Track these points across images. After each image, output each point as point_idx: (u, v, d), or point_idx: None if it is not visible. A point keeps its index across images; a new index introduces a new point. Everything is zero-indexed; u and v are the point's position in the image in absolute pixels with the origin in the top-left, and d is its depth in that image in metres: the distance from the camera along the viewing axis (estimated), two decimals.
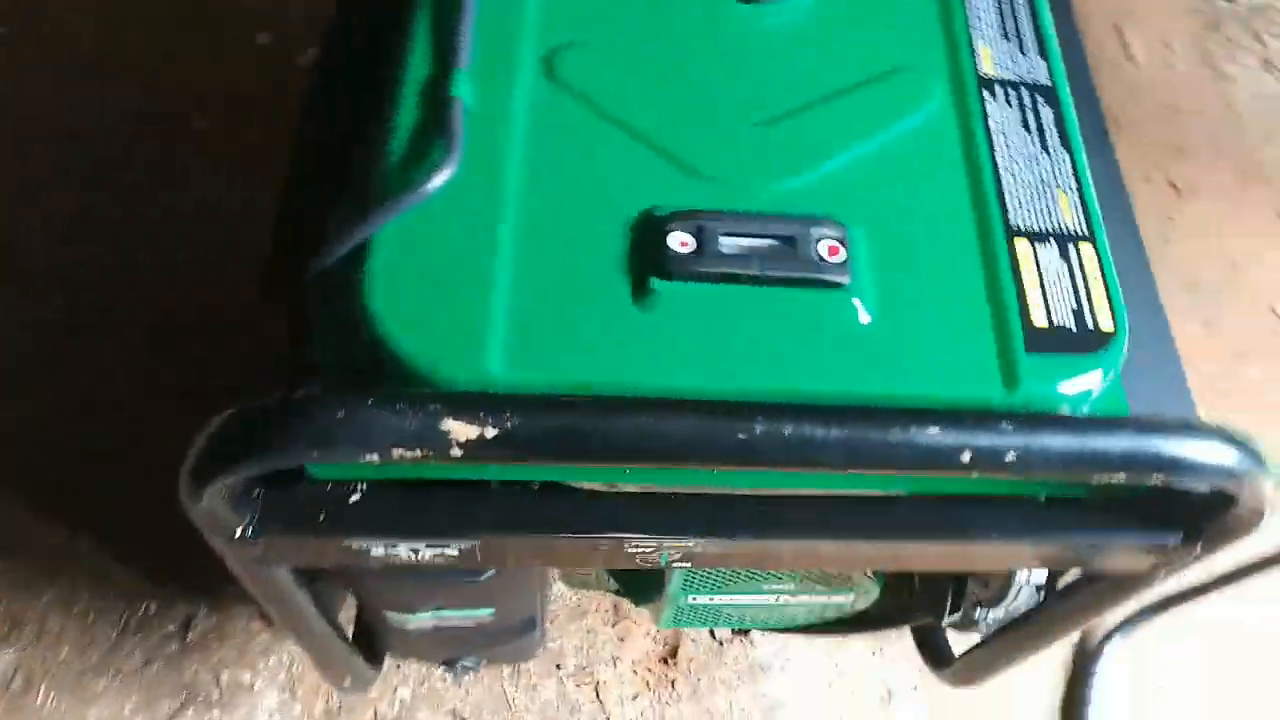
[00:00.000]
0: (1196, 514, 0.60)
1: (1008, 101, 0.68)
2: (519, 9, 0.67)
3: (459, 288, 0.56)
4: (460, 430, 0.47)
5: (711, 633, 1.21)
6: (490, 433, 0.47)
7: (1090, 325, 0.59)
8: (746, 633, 1.13)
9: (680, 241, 0.57)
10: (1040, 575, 0.75)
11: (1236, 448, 0.52)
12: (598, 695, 1.18)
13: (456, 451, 0.47)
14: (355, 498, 0.57)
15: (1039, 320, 0.58)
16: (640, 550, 0.60)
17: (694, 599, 0.88)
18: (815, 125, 0.64)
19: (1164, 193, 1.63)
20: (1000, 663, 0.95)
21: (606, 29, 0.67)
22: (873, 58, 0.68)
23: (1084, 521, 0.61)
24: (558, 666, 1.19)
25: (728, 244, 0.57)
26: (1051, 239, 0.62)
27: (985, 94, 0.68)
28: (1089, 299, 0.60)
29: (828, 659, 1.19)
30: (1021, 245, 0.61)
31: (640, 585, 0.93)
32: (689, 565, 0.63)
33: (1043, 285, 0.60)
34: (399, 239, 0.57)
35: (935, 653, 1.08)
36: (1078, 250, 0.62)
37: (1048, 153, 0.66)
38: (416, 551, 0.59)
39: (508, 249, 0.57)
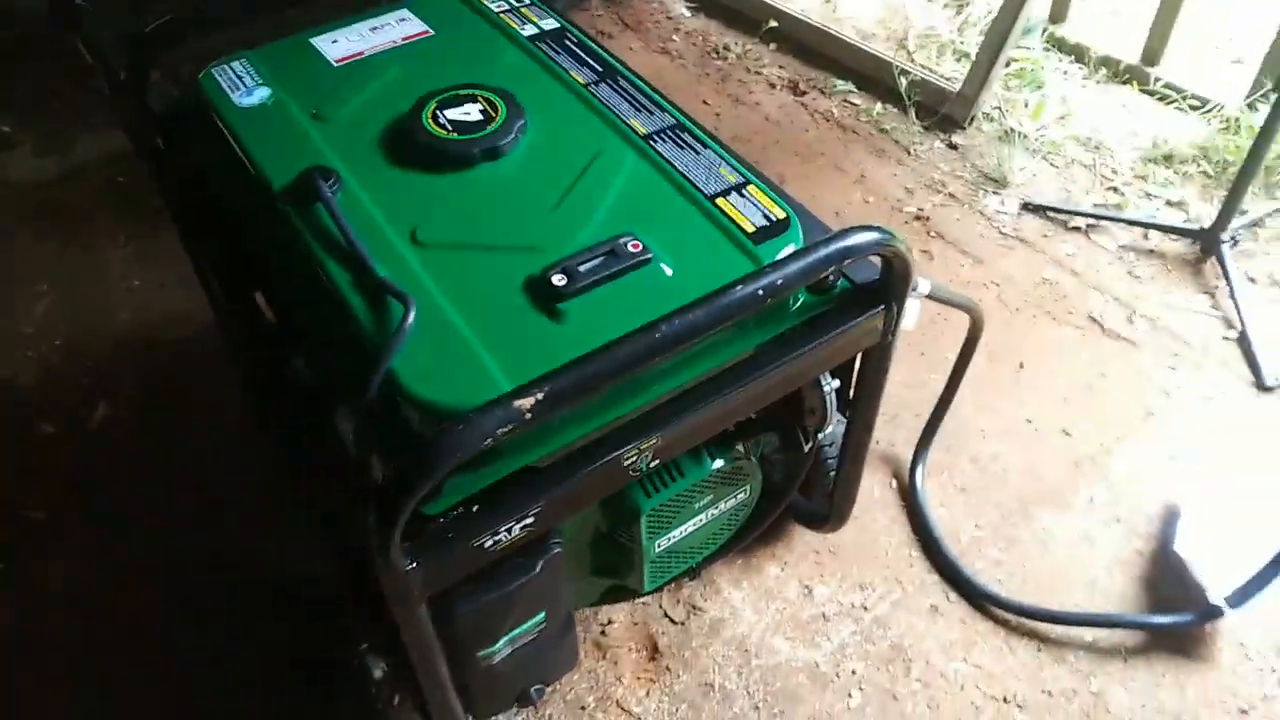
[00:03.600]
0: (885, 284, 1.05)
1: (662, 139, 1.14)
2: (371, 216, 1.03)
3: (460, 362, 0.90)
4: (524, 403, 0.81)
5: (670, 619, 1.53)
6: (539, 396, 0.81)
7: (775, 219, 1.04)
8: (696, 574, 1.46)
9: (558, 280, 0.95)
10: (833, 387, 1.17)
11: (876, 230, 0.98)
12: (620, 708, 1.45)
13: (527, 415, 0.80)
14: (469, 509, 0.88)
15: (750, 228, 1.03)
16: (630, 460, 0.95)
17: (659, 545, 1.22)
18: (579, 197, 1.06)
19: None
20: (851, 487, 1.37)
21: (429, 205, 1.05)
22: (583, 154, 1.11)
23: (844, 318, 1.04)
24: (582, 708, 1.45)
25: (583, 270, 0.96)
26: (733, 190, 1.07)
27: (651, 142, 1.13)
28: (768, 208, 1.05)
29: (753, 591, 1.56)
30: (720, 201, 1.06)
31: (620, 565, 1.25)
32: (658, 460, 0.98)
33: (742, 212, 1.04)
34: (409, 358, 0.90)
35: (813, 517, 1.49)
36: (746, 190, 1.07)
37: (698, 153, 1.12)
38: (510, 531, 0.90)
39: (470, 331, 0.92)
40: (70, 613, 1.55)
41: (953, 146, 2.36)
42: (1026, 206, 2.20)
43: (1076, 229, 2.15)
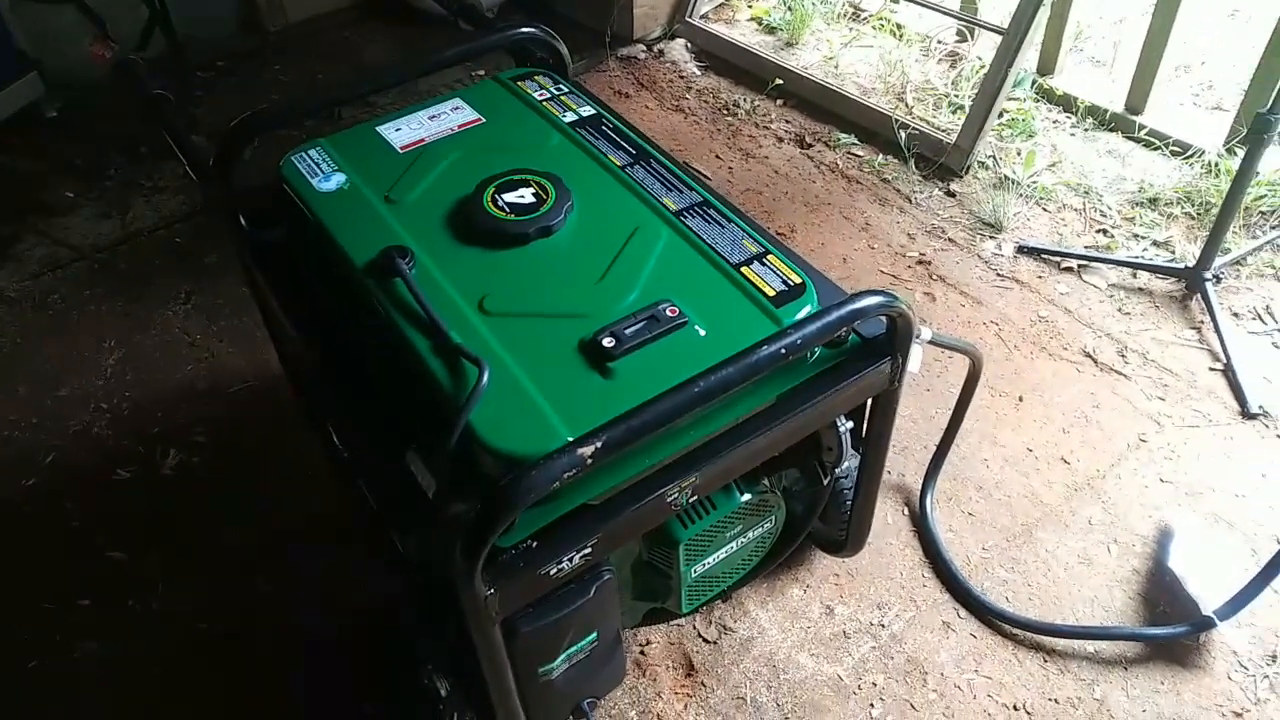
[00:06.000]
0: (890, 338, 1.21)
1: (691, 215, 1.30)
2: (443, 289, 1.19)
3: (527, 415, 1.05)
4: (586, 450, 0.96)
5: (703, 639, 1.67)
6: (598, 444, 0.96)
7: (793, 284, 1.20)
8: (728, 597, 1.60)
9: (607, 342, 1.10)
10: (847, 427, 1.32)
11: (882, 294, 1.13)
12: None
13: (589, 461, 0.96)
14: (534, 544, 1.03)
15: (771, 293, 1.18)
16: (672, 497, 1.10)
17: (695, 571, 1.36)
18: (622, 268, 1.22)
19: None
20: (866, 515, 1.52)
21: (493, 279, 1.21)
22: (623, 231, 1.27)
23: (856, 369, 1.20)
24: None
25: (628, 333, 1.12)
26: (754, 260, 1.23)
27: (681, 218, 1.29)
28: (786, 275, 1.21)
29: (779, 612, 1.70)
30: (745, 270, 1.22)
31: (660, 589, 1.40)
32: (696, 496, 1.13)
33: (763, 278, 1.20)
34: (483, 413, 1.05)
35: (832, 543, 1.63)
36: (766, 259, 1.23)
37: (723, 226, 1.28)
38: (570, 560, 1.05)
39: (534, 389, 1.08)
40: (150, 644, 1.70)
41: (951, 194, 2.52)
42: (1021, 249, 2.36)
43: (1069, 269, 2.31)
